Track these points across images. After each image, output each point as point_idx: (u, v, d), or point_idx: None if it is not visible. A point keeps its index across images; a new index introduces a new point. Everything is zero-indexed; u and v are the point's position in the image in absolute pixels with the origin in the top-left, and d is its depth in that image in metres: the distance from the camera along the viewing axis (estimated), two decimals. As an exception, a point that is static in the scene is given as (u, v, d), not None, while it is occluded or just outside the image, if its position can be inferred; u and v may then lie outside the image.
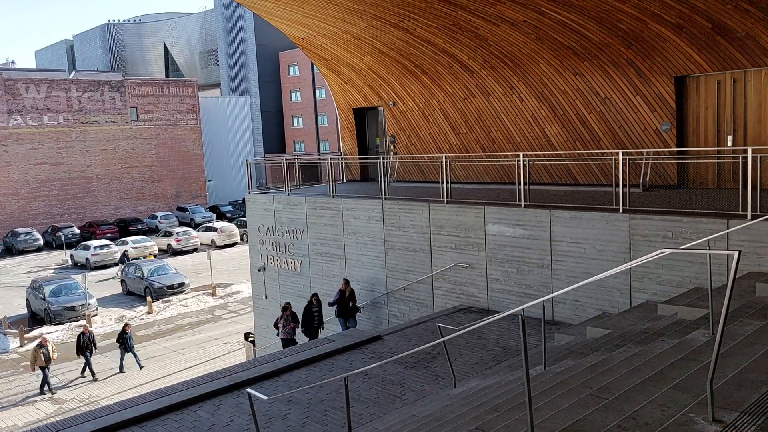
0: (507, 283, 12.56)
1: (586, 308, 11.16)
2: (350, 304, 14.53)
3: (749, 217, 9.01)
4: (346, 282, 14.67)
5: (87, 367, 20.75)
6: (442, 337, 7.50)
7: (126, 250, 39.14)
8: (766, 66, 11.84)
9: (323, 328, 15.20)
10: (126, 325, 21.41)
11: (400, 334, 12.33)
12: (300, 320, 14.97)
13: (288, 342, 14.59)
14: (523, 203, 12.22)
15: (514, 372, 7.86)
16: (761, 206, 9.07)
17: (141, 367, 21.01)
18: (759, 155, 9.38)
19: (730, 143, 12.88)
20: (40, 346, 19.38)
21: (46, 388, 19.53)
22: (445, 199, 13.71)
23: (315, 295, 15.15)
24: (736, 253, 3.57)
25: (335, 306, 14.63)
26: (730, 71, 12.55)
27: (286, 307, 15.08)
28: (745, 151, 9.37)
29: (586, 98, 14.62)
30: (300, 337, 14.87)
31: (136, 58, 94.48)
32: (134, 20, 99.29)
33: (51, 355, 19.47)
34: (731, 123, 12.89)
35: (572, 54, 14.31)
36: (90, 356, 20.70)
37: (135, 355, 21.15)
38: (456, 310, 13.23)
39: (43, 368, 19.34)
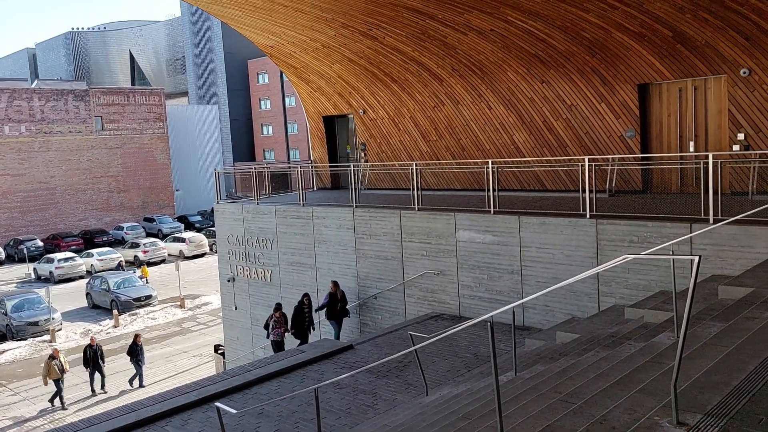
0: (478, 290, 12.61)
1: (556, 313, 11.27)
2: (338, 307, 14.24)
3: (711, 221, 9.22)
4: (335, 284, 14.31)
5: (101, 380, 19.90)
6: (414, 345, 7.48)
7: (121, 260, 38.60)
8: (725, 73, 12.17)
9: (313, 329, 14.85)
10: (137, 335, 20.40)
11: (372, 343, 12.27)
12: (290, 322, 14.58)
13: (279, 345, 14.31)
14: (492, 210, 12.31)
15: (485, 378, 7.87)
16: (723, 210, 9.29)
17: (141, 385, 20.12)
18: (719, 161, 9.61)
19: (692, 149, 13.19)
20: (52, 357, 18.60)
21: (57, 401, 18.76)
22: (416, 206, 13.73)
23: (306, 295, 14.75)
24: (696, 258, 3.63)
25: (323, 310, 14.34)
26: (691, 79, 12.87)
27: (278, 308, 14.67)
28: (707, 157, 9.59)
29: (552, 106, 14.83)
30: (290, 340, 14.56)
31: (101, 66, 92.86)
32: (99, 28, 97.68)
33: (64, 366, 18.73)
34: (693, 129, 13.20)
35: (539, 62, 14.52)
36: (101, 369, 19.85)
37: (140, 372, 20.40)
38: (428, 317, 13.23)
39: (57, 381, 18.58)
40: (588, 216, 10.82)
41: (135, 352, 19.92)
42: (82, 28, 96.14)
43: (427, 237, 13.41)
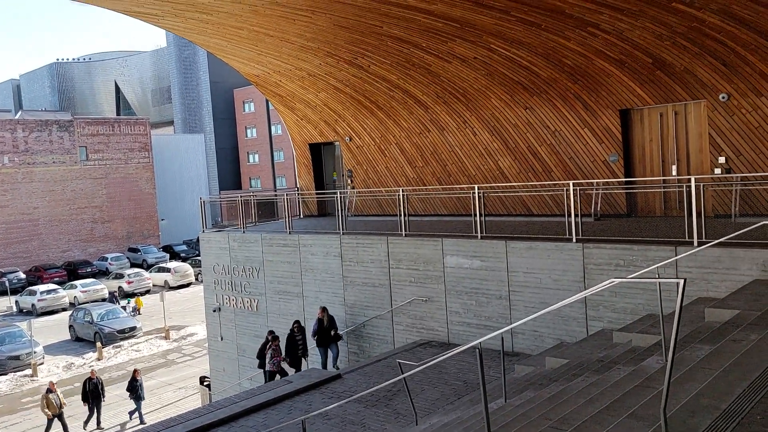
0: (467, 316, 12.55)
1: (545, 338, 11.23)
2: (332, 333, 13.99)
3: (696, 243, 9.28)
4: (323, 309, 14.03)
5: (97, 417, 19.30)
6: (403, 373, 7.40)
7: (115, 291, 38.02)
8: (705, 99, 12.41)
9: (308, 357, 14.51)
10: (136, 371, 19.87)
11: (360, 371, 12.13)
12: (283, 351, 14.25)
13: (273, 375, 14.00)
14: (479, 235, 12.33)
15: (475, 406, 7.78)
16: (706, 233, 9.37)
17: (142, 422, 19.41)
18: (702, 184, 9.73)
19: (674, 173, 13.35)
20: (49, 391, 18.06)
21: None
22: (404, 232, 13.72)
23: (297, 322, 14.41)
24: (681, 281, 3.64)
25: (314, 334, 13.98)
26: (672, 104, 13.10)
27: (276, 337, 14.33)
28: (689, 180, 9.71)
29: (536, 131, 14.99)
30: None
31: (86, 96, 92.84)
32: (84, 59, 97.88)
33: (61, 401, 18.18)
34: (674, 153, 13.39)
35: (522, 89, 14.71)
36: (101, 404, 19.29)
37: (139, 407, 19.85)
38: (416, 345, 13.12)
39: (57, 416, 18.02)
40: (574, 240, 10.87)
41: (135, 388, 19.40)
42: (67, 59, 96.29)
43: (415, 263, 13.38)
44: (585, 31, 12.19)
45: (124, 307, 34.98)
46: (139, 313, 34.99)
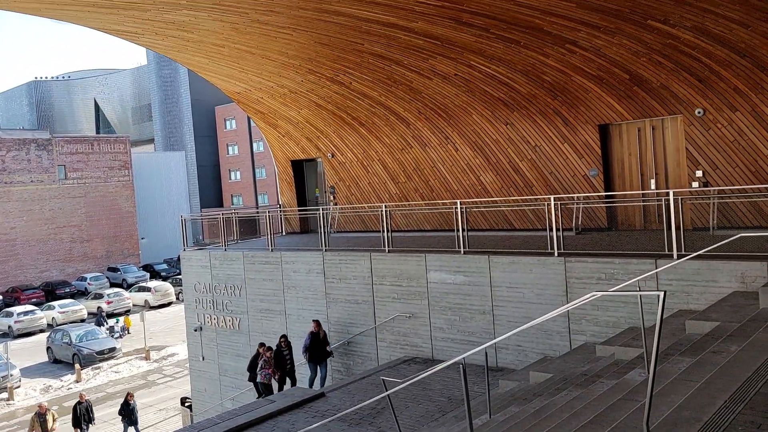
0: (450, 332, 12.52)
1: (528, 353, 11.23)
2: (327, 348, 13.74)
3: (675, 256, 9.38)
4: (318, 323, 13.75)
5: None
6: (387, 390, 7.33)
7: (102, 309, 37.26)
8: (681, 114, 12.62)
9: (294, 374, 14.18)
10: (129, 394, 19.29)
11: (344, 390, 12.01)
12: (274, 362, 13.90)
13: (268, 387, 13.67)
14: (462, 250, 12.35)
15: (460, 422, 7.74)
16: (686, 246, 9.48)
17: None
18: (680, 197, 9.87)
19: (653, 186, 13.53)
20: (38, 415, 17.37)
21: None
22: (387, 248, 13.69)
23: (284, 336, 14.16)
24: (661, 294, 3.67)
25: (307, 352, 13.60)
26: (649, 119, 13.30)
27: (268, 348, 13.94)
28: (668, 194, 9.84)
29: (517, 147, 15.12)
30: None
31: (64, 115, 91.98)
32: (63, 77, 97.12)
33: (51, 425, 17.40)
34: (653, 167, 13.58)
35: (502, 105, 14.86)
36: (88, 430, 18.67)
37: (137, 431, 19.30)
38: (401, 361, 13.05)
39: None
40: (556, 254, 10.93)
41: (128, 411, 18.90)
42: (46, 78, 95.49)
43: (398, 279, 13.35)
44: (563, 48, 12.37)
45: (112, 327, 34.44)
46: (128, 333, 34.45)
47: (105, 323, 35.04)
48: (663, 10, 10.58)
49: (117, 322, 35.48)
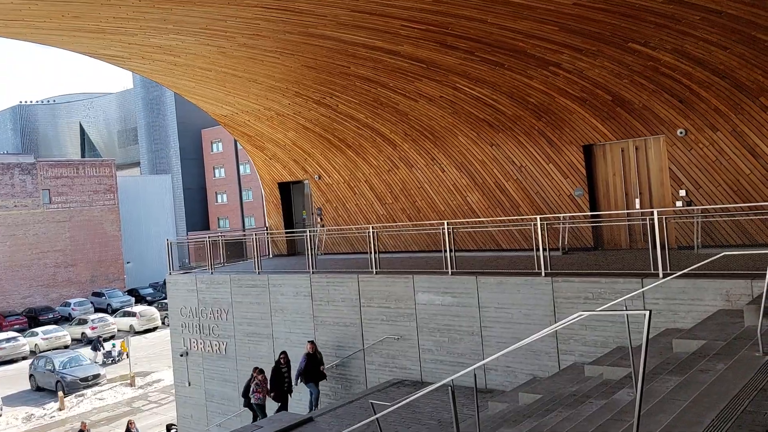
0: (439, 353, 12.46)
1: (517, 374, 11.19)
2: (321, 369, 13.50)
3: (661, 275, 9.44)
4: (313, 343, 13.56)
5: None
6: (375, 414, 7.26)
7: (100, 336, 36.55)
8: (663, 134, 12.81)
9: (291, 394, 13.90)
10: (130, 422, 18.84)
11: (332, 414, 11.87)
12: (268, 384, 13.66)
13: (262, 407, 13.42)
14: (450, 271, 12.35)
15: (450, 446, 7.66)
16: (671, 264, 9.55)
17: None
18: (664, 217, 9.98)
19: (637, 206, 13.66)
20: None
21: None
22: (374, 270, 13.66)
23: (284, 353, 13.87)
24: (647, 313, 3.68)
25: (301, 374, 13.32)
26: (632, 139, 13.48)
27: (261, 371, 13.70)
28: (652, 213, 9.94)
29: (503, 167, 15.24)
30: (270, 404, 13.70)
31: (49, 139, 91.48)
32: (48, 101, 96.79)
33: None
34: (637, 187, 13.73)
35: (487, 126, 15.00)
36: None
37: None
38: (390, 384, 12.94)
39: None
40: (543, 274, 10.96)
41: None
42: (31, 102, 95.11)
43: (386, 301, 13.30)
44: (547, 70, 12.55)
45: (109, 351, 33.89)
46: (127, 357, 33.86)
47: (101, 348, 34.46)
48: (643, 33, 10.79)
49: (114, 347, 34.94)
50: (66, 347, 37.06)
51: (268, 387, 13.68)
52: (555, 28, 11.04)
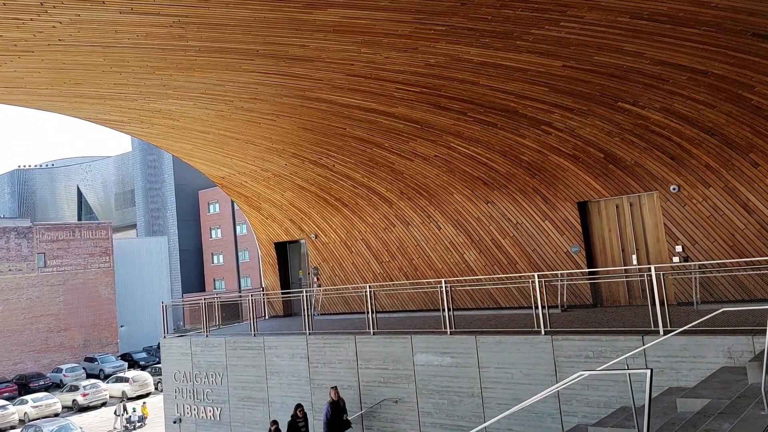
0: (439, 416, 12.14)
1: (520, 436, 10.87)
2: (344, 417, 12.76)
3: (662, 332, 9.33)
4: (336, 390, 12.89)
5: None
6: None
7: (123, 400, 35.45)
8: (657, 190, 12.94)
9: None
10: None
11: (330, 481, 11.44)
12: None
13: None
14: (449, 330, 12.18)
15: None
16: (671, 321, 9.45)
17: None
18: (662, 273, 9.94)
19: (635, 262, 13.64)
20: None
21: None
22: (372, 330, 13.47)
23: (299, 406, 13.17)
24: (648, 372, 3.61)
25: (329, 426, 12.50)
26: (626, 195, 13.60)
27: (275, 423, 13.10)
28: (650, 269, 9.91)
29: (499, 224, 15.29)
30: None
31: (47, 202, 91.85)
32: (46, 165, 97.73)
33: None
34: (633, 243, 13.74)
35: (482, 184, 15.15)
36: None
37: None
38: (388, 449, 12.54)
39: None
40: (543, 332, 10.82)
41: None
42: (29, 166, 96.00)
43: (384, 362, 13.05)
44: (539, 129, 12.79)
45: (129, 417, 32.81)
46: (144, 424, 32.75)
47: (124, 412, 33.41)
48: (632, 93, 11.06)
49: (134, 411, 33.88)
50: (56, 415, 35.95)
51: None
52: (545, 89, 11.32)
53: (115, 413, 33.33)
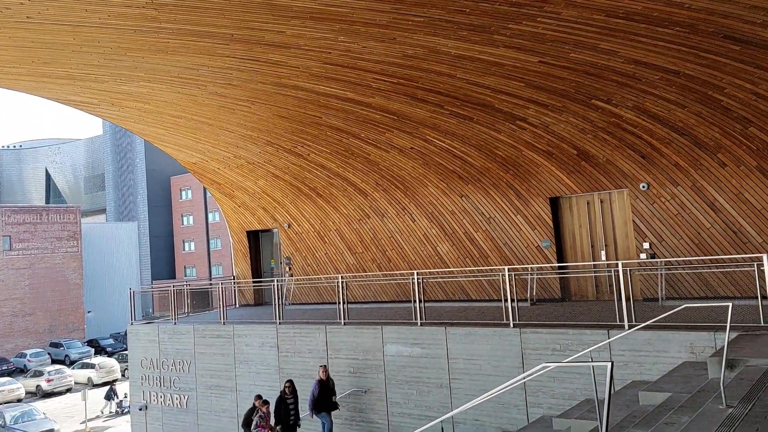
0: (407, 406, 12.21)
1: (486, 427, 11.00)
2: (333, 399, 12.53)
3: (626, 327, 9.51)
4: (325, 368, 12.57)
5: None
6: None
7: (113, 383, 34.63)
8: (627, 187, 13.14)
9: (299, 426, 12.85)
10: None
11: (296, 470, 11.45)
12: (272, 417, 12.59)
13: None
14: (419, 321, 12.24)
15: (417, 504, 7.42)
16: (636, 316, 9.64)
17: None
18: (629, 269, 10.13)
19: (603, 258, 13.86)
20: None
21: None
22: (342, 321, 13.47)
23: (289, 381, 12.78)
24: (609, 365, 3.67)
25: (314, 402, 12.27)
26: (597, 192, 13.79)
27: (266, 402, 12.67)
28: (617, 265, 10.08)
29: (472, 218, 15.39)
30: None
31: (13, 184, 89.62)
32: (14, 146, 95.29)
33: None
34: (603, 239, 13.96)
35: (457, 177, 15.21)
36: None
37: None
38: (356, 438, 12.58)
39: None
40: (512, 325, 10.94)
41: None
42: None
43: (354, 352, 13.07)
44: (514, 124, 12.88)
45: (121, 401, 32.25)
46: (146, 408, 32.15)
47: (115, 397, 32.84)
48: (606, 91, 11.20)
49: (126, 397, 33.30)
50: (19, 401, 35.28)
51: (273, 420, 12.59)
52: (521, 84, 11.39)
53: (105, 397, 32.81)
